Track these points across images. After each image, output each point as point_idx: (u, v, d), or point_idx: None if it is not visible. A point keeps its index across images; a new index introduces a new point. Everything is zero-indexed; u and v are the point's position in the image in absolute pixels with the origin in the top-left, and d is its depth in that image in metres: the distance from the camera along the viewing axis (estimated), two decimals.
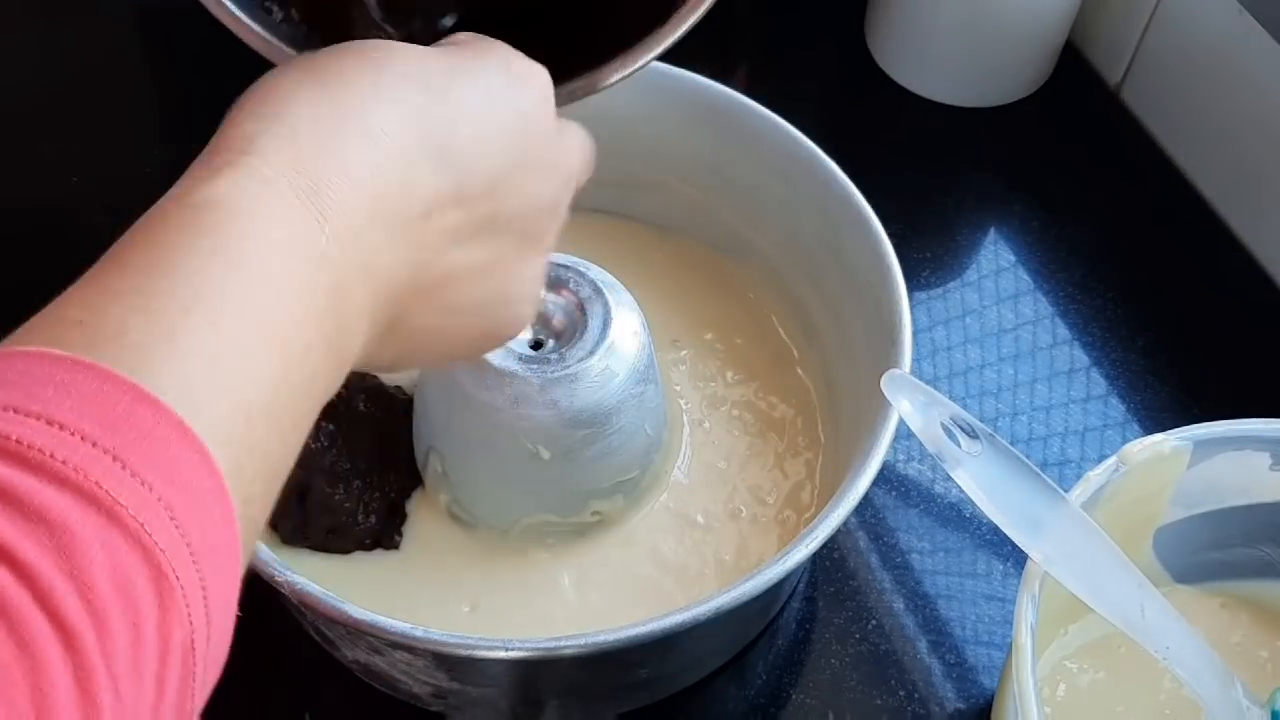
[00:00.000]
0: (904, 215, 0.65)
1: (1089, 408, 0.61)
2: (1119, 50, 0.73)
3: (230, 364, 0.26)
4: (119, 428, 0.23)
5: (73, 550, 0.21)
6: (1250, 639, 0.50)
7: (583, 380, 0.47)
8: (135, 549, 0.22)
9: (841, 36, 0.77)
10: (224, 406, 0.25)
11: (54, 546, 0.21)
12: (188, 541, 0.23)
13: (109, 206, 0.68)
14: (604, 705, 0.51)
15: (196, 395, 0.25)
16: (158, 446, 0.23)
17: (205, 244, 0.27)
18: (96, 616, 0.21)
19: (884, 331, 0.48)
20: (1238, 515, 0.48)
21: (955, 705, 0.52)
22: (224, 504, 0.25)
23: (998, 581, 0.55)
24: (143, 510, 0.22)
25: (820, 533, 0.42)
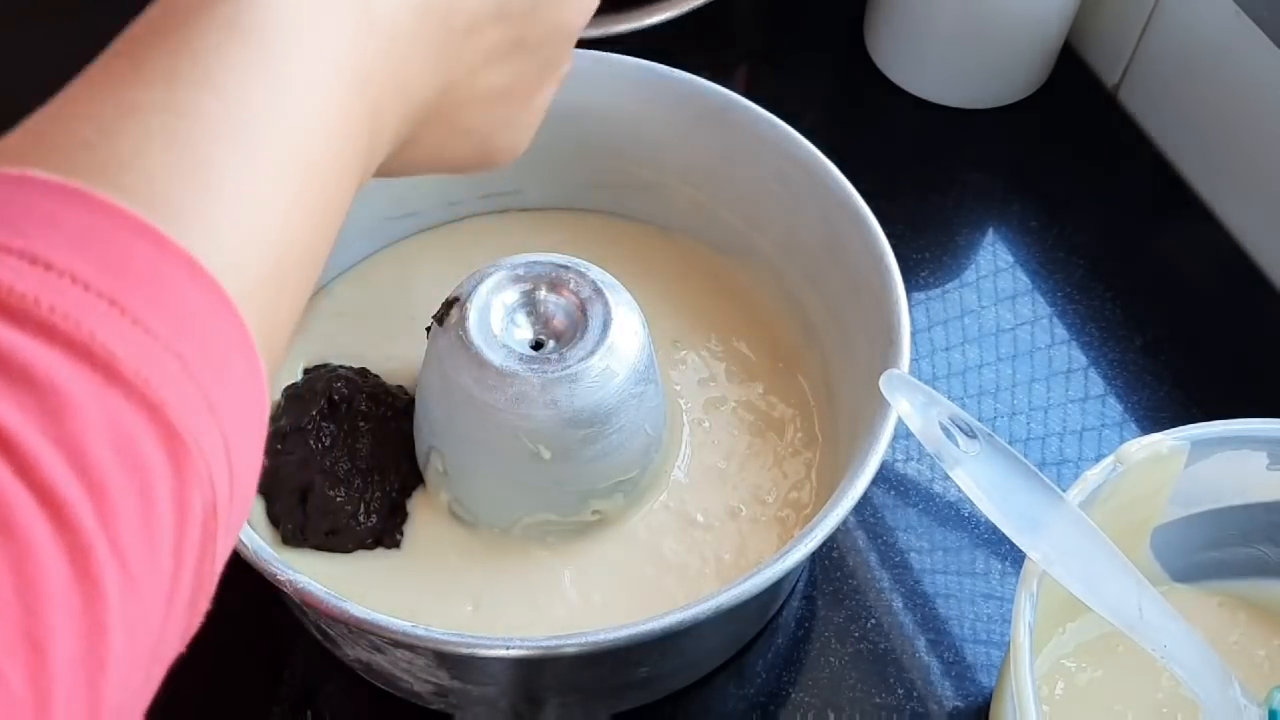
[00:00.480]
0: (903, 216, 0.65)
1: (1087, 407, 0.61)
2: (1117, 52, 0.73)
3: (264, 205, 0.22)
4: (121, 271, 0.19)
5: (61, 413, 0.18)
6: (1248, 638, 0.51)
7: (583, 380, 0.47)
8: (140, 407, 0.19)
9: (840, 38, 0.77)
10: (254, 253, 0.22)
11: (39, 409, 0.18)
12: (205, 395, 0.20)
13: None
14: (604, 703, 0.51)
15: (225, 241, 0.21)
16: (169, 293, 0.20)
17: (247, 55, 0.23)
18: (93, 487, 0.18)
19: (883, 331, 0.48)
20: (1235, 515, 0.48)
21: (954, 703, 0.52)
22: (249, 356, 0.22)
23: (996, 580, 0.55)
24: (147, 363, 0.19)
25: (819, 532, 0.42)
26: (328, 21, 0.24)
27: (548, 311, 0.49)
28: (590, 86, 0.56)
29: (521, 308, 0.49)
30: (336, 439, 0.50)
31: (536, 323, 0.49)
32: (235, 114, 0.22)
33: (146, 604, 0.19)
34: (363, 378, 0.53)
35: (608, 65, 0.56)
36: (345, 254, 0.59)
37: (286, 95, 0.23)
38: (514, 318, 0.49)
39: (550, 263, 0.49)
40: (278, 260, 0.22)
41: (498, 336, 0.47)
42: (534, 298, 0.49)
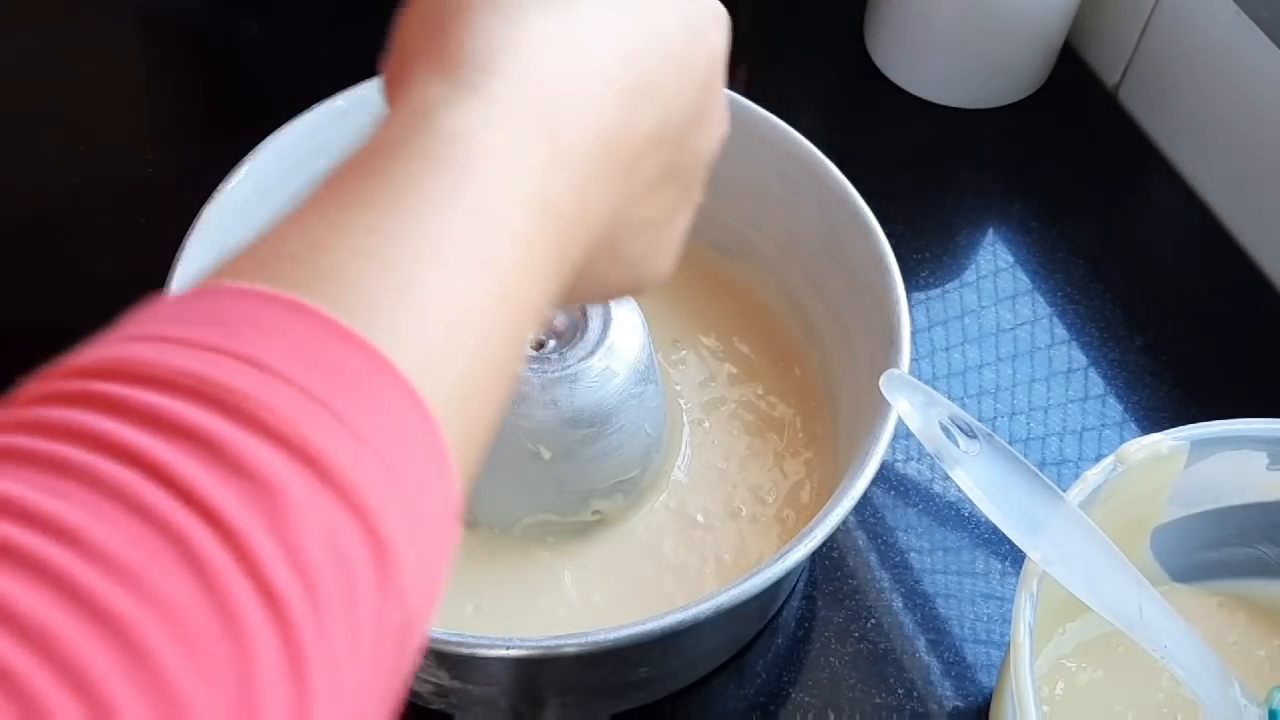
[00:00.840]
0: (903, 216, 0.65)
1: (1087, 407, 0.61)
2: (1117, 52, 0.73)
3: (464, 327, 0.22)
4: (332, 377, 0.20)
5: (280, 509, 0.18)
6: (1247, 638, 0.51)
7: (583, 380, 0.47)
8: (350, 512, 0.19)
9: (841, 38, 0.77)
10: (454, 375, 0.22)
11: (258, 503, 0.18)
12: (406, 506, 0.20)
13: (109, 206, 0.68)
14: (604, 703, 0.51)
15: (428, 358, 0.21)
16: (375, 401, 0.20)
17: (446, 184, 0.23)
18: (308, 587, 0.18)
19: (883, 331, 0.48)
20: (1235, 515, 0.48)
21: (954, 703, 0.52)
22: (445, 471, 0.21)
23: (996, 580, 0.55)
24: (356, 467, 0.19)
25: (819, 532, 0.42)
26: (521, 154, 0.25)
27: None
28: None
29: None
30: None
31: None
32: (434, 239, 0.23)
33: (347, 711, 0.19)
34: None
35: None
36: None
37: (484, 224, 0.24)
38: None
39: None
40: (474, 382, 0.23)
41: None
42: None
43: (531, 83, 0.25)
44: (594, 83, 0.26)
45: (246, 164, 0.51)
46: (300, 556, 0.18)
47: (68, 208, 0.68)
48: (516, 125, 0.25)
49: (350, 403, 0.20)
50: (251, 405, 0.19)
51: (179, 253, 0.47)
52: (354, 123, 0.54)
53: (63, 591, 0.16)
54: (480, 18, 0.26)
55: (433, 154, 0.24)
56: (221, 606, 0.17)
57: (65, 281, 0.64)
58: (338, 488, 0.19)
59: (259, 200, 0.51)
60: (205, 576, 0.17)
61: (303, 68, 0.72)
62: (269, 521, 0.18)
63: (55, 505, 0.17)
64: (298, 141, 0.52)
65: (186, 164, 0.54)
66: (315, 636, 0.18)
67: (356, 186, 0.24)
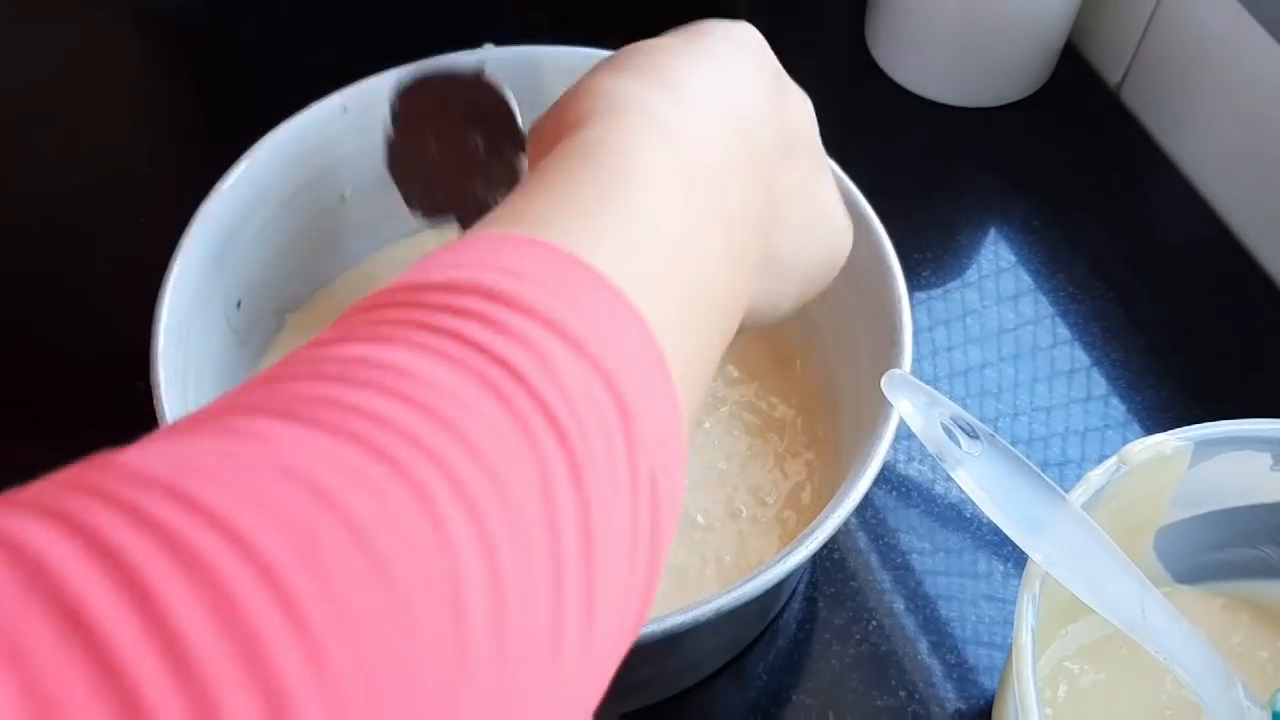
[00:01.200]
0: (904, 215, 0.64)
1: (1090, 408, 0.61)
2: (1119, 50, 0.73)
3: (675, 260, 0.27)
4: (569, 286, 0.24)
5: (551, 368, 0.22)
6: (1251, 640, 0.50)
7: None
8: (601, 378, 0.23)
9: (841, 36, 0.77)
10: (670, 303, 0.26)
11: (538, 362, 0.22)
12: (643, 390, 0.24)
13: (109, 206, 0.68)
14: (604, 705, 0.51)
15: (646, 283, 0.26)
16: (609, 313, 0.25)
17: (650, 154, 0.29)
18: (578, 421, 0.22)
19: (884, 331, 0.48)
20: (1239, 516, 0.48)
21: (956, 706, 0.52)
22: (669, 385, 0.26)
23: (998, 582, 0.55)
24: (605, 351, 0.23)
25: (820, 533, 0.42)
26: (664, 157, 0.29)
27: None
28: None
29: None
30: None
31: None
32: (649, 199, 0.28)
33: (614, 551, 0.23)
34: None
35: None
36: (347, 252, 0.59)
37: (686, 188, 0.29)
38: None
39: None
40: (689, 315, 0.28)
41: None
42: None
43: (655, 121, 0.30)
44: (705, 108, 0.32)
45: (244, 162, 0.51)
46: (570, 400, 0.22)
47: (67, 207, 0.67)
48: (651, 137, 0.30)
49: (588, 307, 0.24)
50: (521, 300, 0.23)
51: (176, 252, 0.47)
52: (353, 121, 0.54)
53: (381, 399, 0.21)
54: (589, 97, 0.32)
55: (592, 155, 0.29)
56: (524, 430, 0.21)
57: (65, 281, 0.64)
58: (590, 358, 0.23)
59: (257, 199, 0.51)
60: (508, 406, 0.21)
61: (302, 67, 0.72)
62: (546, 374, 0.22)
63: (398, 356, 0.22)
64: (296, 140, 0.52)
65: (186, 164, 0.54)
66: (588, 460, 0.22)
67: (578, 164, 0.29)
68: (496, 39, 0.56)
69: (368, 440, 0.20)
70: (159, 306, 0.46)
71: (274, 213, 0.52)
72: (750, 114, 0.34)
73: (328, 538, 0.18)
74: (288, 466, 0.19)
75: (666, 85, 0.32)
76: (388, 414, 0.20)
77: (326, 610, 0.17)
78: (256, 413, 0.20)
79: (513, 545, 0.20)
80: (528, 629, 0.20)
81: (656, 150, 0.29)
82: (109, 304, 0.60)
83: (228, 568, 0.17)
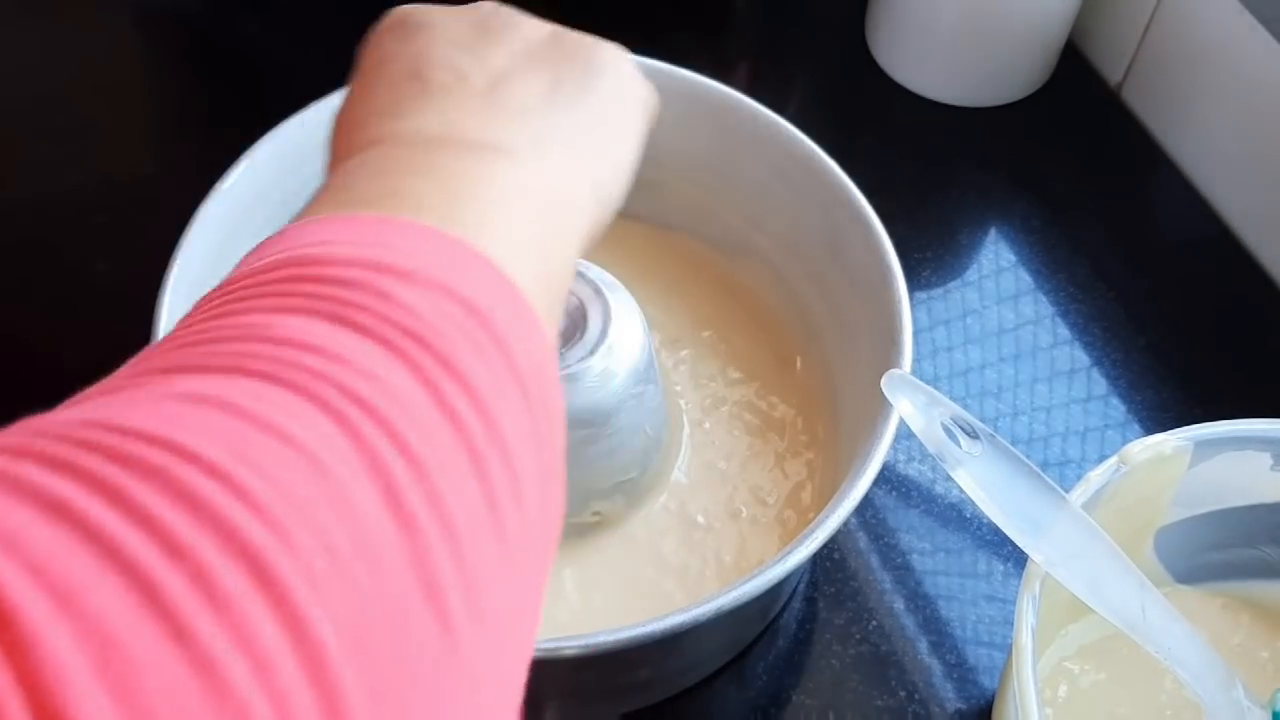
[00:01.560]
0: (904, 215, 0.65)
1: (1090, 408, 0.61)
2: (1120, 50, 0.73)
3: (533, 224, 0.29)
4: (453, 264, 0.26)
5: (389, 298, 0.24)
6: (1251, 640, 0.50)
7: (583, 380, 0.46)
8: (442, 293, 0.24)
9: (842, 35, 0.77)
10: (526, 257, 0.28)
11: (370, 295, 0.24)
12: (489, 299, 0.25)
13: (109, 206, 0.68)
14: (605, 706, 0.51)
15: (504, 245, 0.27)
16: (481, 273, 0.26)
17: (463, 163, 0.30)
18: (438, 333, 0.24)
19: (884, 331, 0.48)
20: (1239, 516, 0.48)
21: (956, 705, 0.52)
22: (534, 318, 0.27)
23: (998, 582, 0.55)
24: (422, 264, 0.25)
25: (820, 533, 0.42)
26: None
27: None
28: None
29: None
30: None
31: None
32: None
33: (517, 428, 0.24)
34: None
35: None
36: None
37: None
38: None
39: None
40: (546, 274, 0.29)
41: None
42: None
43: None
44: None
45: (244, 162, 0.50)
46: (422, 317, 0.24)
47: (66, 207, 0.67)
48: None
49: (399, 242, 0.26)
50: (336, 257, 0.25)
51: (176, 251, 0.47)
52: None
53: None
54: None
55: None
56: (389, 348, 0.23)
57: (64, 281, 0.64)
58: (424, 281, 0.24)
59: (256, 198, 0.51)
60: (364, 332, 0.23)
61: (302, 67, 0.72)
62: (387, 303, 0.24)
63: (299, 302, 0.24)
64: (295, 139, 0.52)
65: (185, 164, 0.54)
66: (456, 358, 0.23)
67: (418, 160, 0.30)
68: None
69: (255, 370, 0.21)
70: (159, 307, 0.45)
71: (274, 213, 0.52)
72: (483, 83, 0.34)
73: (253, 439, 0.20)
74: (195, 394, 0.21)
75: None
76: (263, 351, 0.22)
77: (276, 496, 0.19)
78: (165, 372, 0.22)
79: (418, 433, 0.22)
80: (463, 503, 0.22)
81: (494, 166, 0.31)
82: (109, 304, 0.60)
83: (178, 469, 0.19)
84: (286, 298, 0.24)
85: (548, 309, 0.28)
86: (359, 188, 0.29)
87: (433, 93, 0.33)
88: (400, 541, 0.20)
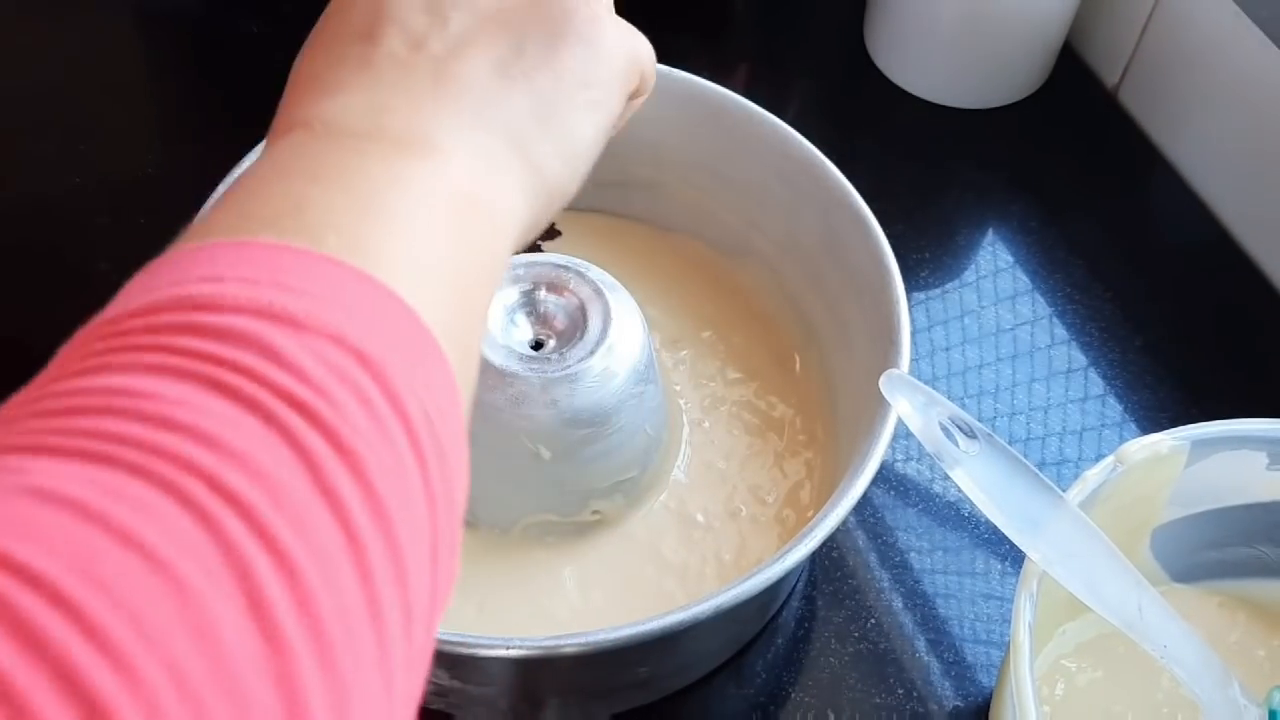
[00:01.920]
0: (903, 216, 0.65)
1: (1087, 407, 0.61)
2: (1117, 52, 0.73)
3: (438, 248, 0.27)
4: (337, 298, 0.24)
5: (269, 349, 0.22)
6: (1248, 638, 0.51)
7: (583, 380, 0.47)
8: (330, 341, 0.23)
9: (840, 37, 0.77)
10: (430, 278, 0.26)
11: (251, 349, 0.22)
12: (383, 343, 0.24)
13: (109, 206, 0.68)
14: (604, 704, 0.51)
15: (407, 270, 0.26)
16: (379, 312, 0.25)
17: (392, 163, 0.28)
18: (319, 391, 0.22)
19: (883, 331, 0.48)
20: (1235, 515, 0.48)
21: (954, 703, 0.52)
22: (442, 357, 0.26)
23: (996, 580, 0.55)
24: (316, 306, 0.23)
25: (819, 532, 0.42)
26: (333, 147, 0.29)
27: (548, 311, 0.49)
28: None
29: (521, 308, 0.49)
30: None
31: (536, 323, 0.49)
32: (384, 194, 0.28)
33: (404, 498, 0.23)
34: None
35: None
36: None
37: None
38: (514, 318, 0.49)
39: (550, 263, 0.49)
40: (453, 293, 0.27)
41: (497, 336, 0.47)
42: (534, 298, 0.49)
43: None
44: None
45: (246, 163, 0.51)
46: (303, 373, 0.22)
47: (67, 208, 0.68)
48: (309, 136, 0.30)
49: (356, 318, 0.24)
50: (224, 300, 0.23)
51: None
52: None
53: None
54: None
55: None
56: (262, 415, 0.21)
57: (64, 281, 0.64)
58: (314, 328, 0.23)
59: None
60: (238, 398, 0.21)
61: None
62: (269, 359, 0.22)
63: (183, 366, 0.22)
64: None
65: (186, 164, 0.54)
66: (343, 422, 0.22)
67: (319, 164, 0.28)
68: None
69: (118, 459, 0.20)
70: None
71: None
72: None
73: (105, 553, 0.18)
74: (47, 491, 0.19)
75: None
76: (129, 433, 0.20)
77: (124, 626, 0.18)
78: (20, 451, 0.20)
79: (291, 525, 0.20)
80: (339, 606, 0.20)
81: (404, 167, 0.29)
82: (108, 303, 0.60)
83: (18, 597, 0.17)
84: (165, 354, 0.22)
85: (460, 335, 0.27)
86: (262, 198, 0.27)
87: (374, 63, 0.31)
88: (263, 660, 0.19)
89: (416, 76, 0.31)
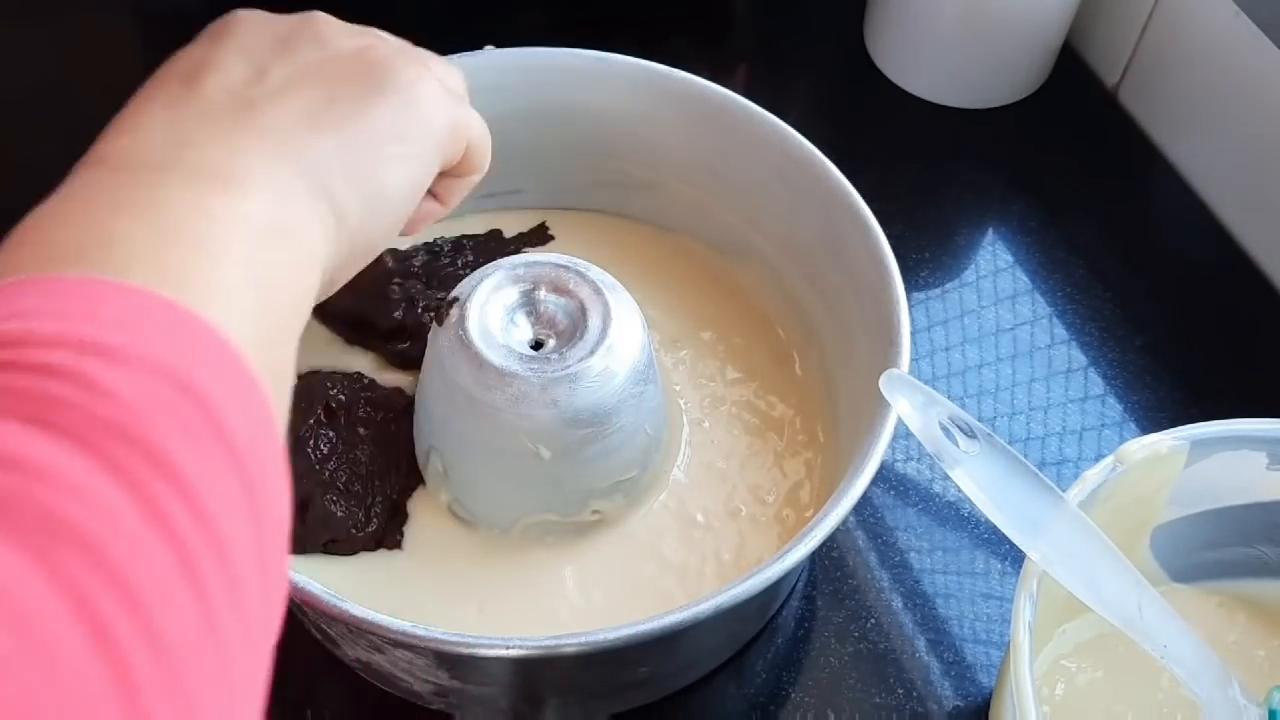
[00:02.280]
0: (903, 216, 0.65)
1: (1086, 407, 0.61)
2: (1117, 51, 0.73)
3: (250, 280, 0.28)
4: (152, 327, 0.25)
5: (84, 377, 0.23)
6: (1247, 638, 0.51)
7: (583, 380, 0.47)
8: (147, 368, 0.24)
9: (840, 37, 0.77)
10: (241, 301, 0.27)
11: (71, 382, 0.23)
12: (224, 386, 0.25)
13: None
14: (604, 703, 0.51)
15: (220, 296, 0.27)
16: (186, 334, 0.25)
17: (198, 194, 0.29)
18: (141, 416, 0.23)
19: (883, 331, 0.48)
20: (1235, 515, 0.49)
21: (954, 703, 0.52)
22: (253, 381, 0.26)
23: (995, 580, 0.55)
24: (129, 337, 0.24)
25: (819, 532, 0.42)
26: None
27: (548, 311, 0.49)
28: (589, 86, 0.56)
29: (521, 307, 0.49)
30: (335, 447, 0.50)
31: (536, 323, 0.49)
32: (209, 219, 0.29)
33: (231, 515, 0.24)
34: (358, 382, 0.53)
35: (607, 65, 0.56)
36: None
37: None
38: (514, 318, 0.49)
39: (550, 263, 0.49)
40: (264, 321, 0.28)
41: (497, 336, 0.47)
42: (534, 297, 0.49)
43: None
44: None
45: None
46: (130, 405, 0.23)
47: None
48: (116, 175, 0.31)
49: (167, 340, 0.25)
50: (42, 335, 0.23)
51: None
52: None
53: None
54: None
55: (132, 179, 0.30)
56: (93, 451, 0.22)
57: None
58: (129, 358, 0.23)
59: None
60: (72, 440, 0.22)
61: None
62: (91, 392, 0.23)
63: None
64: None
65: None
66: (172, 444, 0.23)
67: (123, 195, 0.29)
68: (496, 40, 0.56)
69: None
70: None
71: None
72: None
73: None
74: None
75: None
76: None
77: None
78: None
79: (130, 555, 0.21)
80: (178, 622, 0.21)
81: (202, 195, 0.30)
82: None
83: None
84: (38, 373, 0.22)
85: (271, 359, 0.28)
86: (66, 230, 0.27)
87: (182, 103, 0.32)
88: (109, 685, 0.20)
89: (220, 115, 0.32)
